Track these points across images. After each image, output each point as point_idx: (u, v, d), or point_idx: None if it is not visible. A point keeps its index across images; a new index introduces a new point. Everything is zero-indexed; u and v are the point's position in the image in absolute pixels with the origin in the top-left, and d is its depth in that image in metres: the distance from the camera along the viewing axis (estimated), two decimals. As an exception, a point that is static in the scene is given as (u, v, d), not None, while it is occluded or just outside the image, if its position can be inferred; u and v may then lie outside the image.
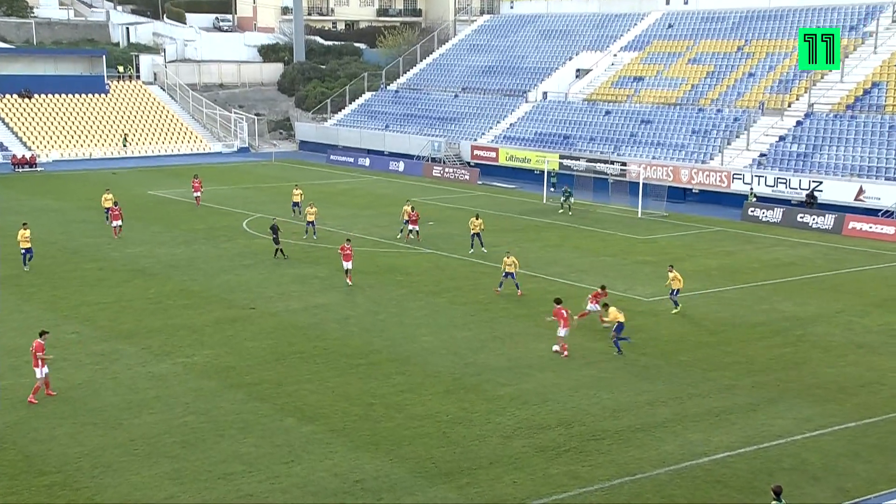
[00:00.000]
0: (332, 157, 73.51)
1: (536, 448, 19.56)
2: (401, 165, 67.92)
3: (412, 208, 41.18)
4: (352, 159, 71.67)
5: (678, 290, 29.45)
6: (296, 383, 23.19)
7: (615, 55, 70.44)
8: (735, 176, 51.94)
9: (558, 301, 25.77)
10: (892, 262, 37.92)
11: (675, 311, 29.66)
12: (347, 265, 31.70)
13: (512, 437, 20.11)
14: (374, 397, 22.29)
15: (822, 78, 56.47)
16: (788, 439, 19.96)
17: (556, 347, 25.40)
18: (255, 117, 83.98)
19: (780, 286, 33.57)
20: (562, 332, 25.12)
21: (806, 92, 55.61)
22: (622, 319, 25.31)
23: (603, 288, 28.83)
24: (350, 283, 31.55)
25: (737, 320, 29.10)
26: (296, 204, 46.26)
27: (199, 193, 49.59)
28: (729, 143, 55.34)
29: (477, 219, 38.32)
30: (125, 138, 76.12)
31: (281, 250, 37.39)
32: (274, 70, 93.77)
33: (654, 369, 24.42)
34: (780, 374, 24.12)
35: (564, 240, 42.24)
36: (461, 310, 30.05)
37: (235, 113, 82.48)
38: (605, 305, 26.60)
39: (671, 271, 29.75)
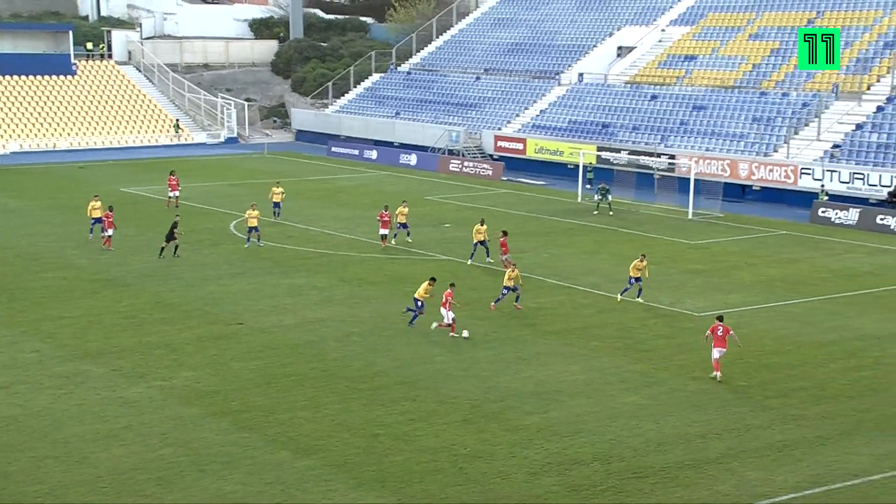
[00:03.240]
0: (333, 148, 73.86)
1: (568, 487, 19.57)
2: (413, 159, 68.15)
3: (386, 207, 41.22)
4: (356, 151, 72.01)
5: (639, 280, 32.10)
6: (289, 410, 23.30)
7: (663, 30, 70.42)
8: (803, 171, 51.75)
9: (720, 318, 25.80)
10: None
11: (620, 298, 32.46)
12: (448, 316, 28.83)
13: (540, 473, 20.13)
14: (380, 427, 22.37)
15: (906, 56, 56.25)
16: (864, 479, 19.85)
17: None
18: (246, 103, 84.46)
19: (855, 299, 33.39)
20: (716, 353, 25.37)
21: (888, 72, 55.36)
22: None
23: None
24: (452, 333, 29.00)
25: (803, 339, 28.99)
26: (276, 204, 46.13)
27: (176, 193, 49.81)
28: (796, 133, 55.16)
29: (482, 225, 38.43)
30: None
31: (163, 248, 38.27)
32: (267, 48, 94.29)
33: (706, 396, 24.37)
34: (855, 402, 24.00)
35: (601, 245, 42.24)
36: (481, 326, 30.09)
37: (222, 98, 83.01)
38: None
39: (642, 260, 32.25)
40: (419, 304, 29.43)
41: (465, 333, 28.71)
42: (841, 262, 39.18)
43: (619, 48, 71.73)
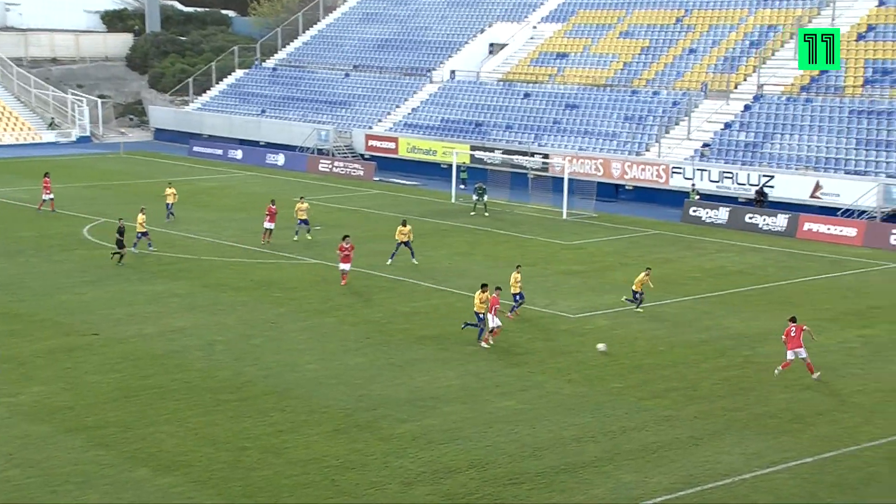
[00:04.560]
0: (195, 148, 72.57)
1: (444, 496, 19.70)
2: (280, 159, 67.49)
3: (273, 201, 42.44)
4: (220, 151, 70.91)
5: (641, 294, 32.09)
6: (150, 425, 22.81)
7: (535, 27, 71.56)
8: (674, 170, 53.35)
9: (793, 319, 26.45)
10: (853, 269, 39.56)
11: (638, 309, 32.26)
12: (494, 321, 28.61)
13: (414, 483, 20.20)
14: (247, 440, 22.09)
15: (773, 55, 58.56)
16: (736, 479, 20.55)
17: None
18: (99, 100, 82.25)
19: (726, 299, 34.58)
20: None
21: (755, 71, 57.55)
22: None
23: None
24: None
25: (676, 339, 29.87)
26: (168, 206, 46.24)
27: (51, 196, 48.35)
28: (667, 132, 56.82)
29: (405, 226, 38.67)
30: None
31: (121, 256, 37.58)
32: (121, 42, 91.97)
33: (581, 399, 24.87)
34: (726, 401, 24.85)
35: (475, 246, 42.67)
36: (353, 331, 30.04)
37: (73, 94, 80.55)
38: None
39: (647, 274, 32.46)
40: (481, 317, 28.78)
41: (602, 347, 28.33)
42: (712, 262, 40.53)
43: (491, 45, 72.55)
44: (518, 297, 31.38)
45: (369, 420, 23.32)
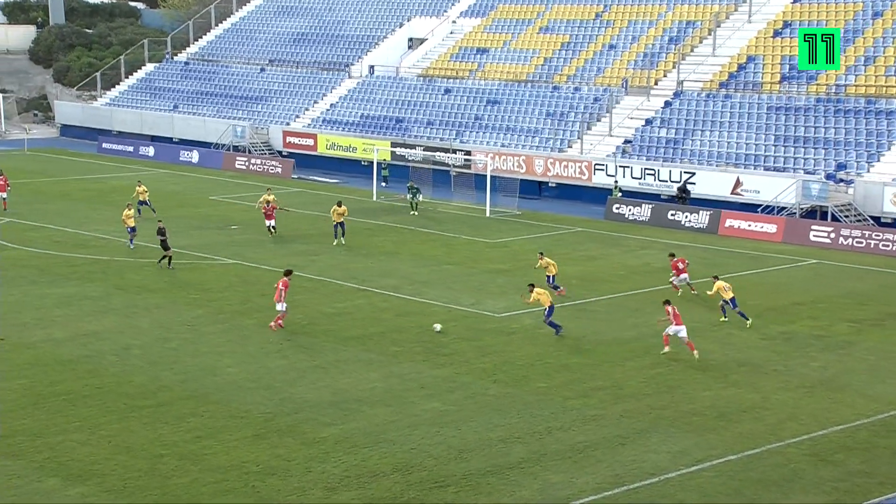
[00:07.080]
0: (104, 145, 71.31)
1: (368, 500, 19.61)
2: (195, 156, 66.61)
3: (268, 202, 44.03)
4: (131, 148, 69.79)
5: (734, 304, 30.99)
6: (60, 433, 22.32)
7: (454, 21, 71.69)
8: (597, 167, 53.90)
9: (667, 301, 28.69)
10: (774, 265, 40.41)
11: (748, 323, 31.14)
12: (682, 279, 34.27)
13: (338, 488, 20.07)
14: (164, 446, 21.75)
15: (691, 51, 59.52)
16: (662, 477, 20.80)
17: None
18: (1, 94, 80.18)
19: (650, 296, 34.96)
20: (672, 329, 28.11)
21: (674, 67, 58.42)
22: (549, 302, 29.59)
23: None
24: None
25: (601, 337, 30.16)
26: (143, 202, 46.90)
27: (3, 194, 48.41)
28: (589, 128, 57.36)
29: (340, 206, 41.40)
30: None
31: (169, 258, 37.24)
32: (24, 34, 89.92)
33: (508, 399, 24.95)
34: (652, 399, 25.15)
35: (400, 246, 42.58)
36: (274, 333, 29.76)
37: (-26, 88, 78.58)
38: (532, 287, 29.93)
39: (723, 286, 31.09)
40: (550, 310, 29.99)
41: (437, 327, 29.98)
42: (637, 259, 41.03)
43: (410, 40, 72.52)
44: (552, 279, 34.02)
45: (291, 424, 23.11)
